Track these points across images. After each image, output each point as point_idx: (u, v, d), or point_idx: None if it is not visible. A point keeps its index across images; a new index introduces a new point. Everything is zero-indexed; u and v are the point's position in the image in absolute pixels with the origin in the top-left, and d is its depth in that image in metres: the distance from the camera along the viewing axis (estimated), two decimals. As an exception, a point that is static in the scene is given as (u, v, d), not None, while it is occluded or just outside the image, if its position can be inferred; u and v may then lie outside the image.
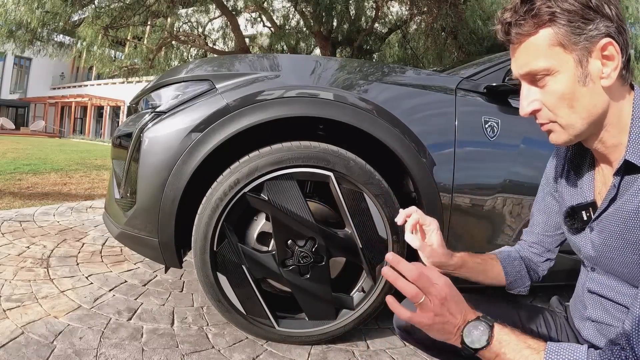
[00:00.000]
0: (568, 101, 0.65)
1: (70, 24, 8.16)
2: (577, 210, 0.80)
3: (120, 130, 1.54)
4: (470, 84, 1.50)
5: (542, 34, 0.64)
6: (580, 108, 0.65)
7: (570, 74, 0.64)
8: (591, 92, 0.64)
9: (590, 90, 0.64)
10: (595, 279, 0.79)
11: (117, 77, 11.32)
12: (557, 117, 0.67)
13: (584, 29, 0.62)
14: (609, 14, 0.63)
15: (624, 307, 0.74)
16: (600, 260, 0.75)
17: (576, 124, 0.67)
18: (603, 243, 0.73)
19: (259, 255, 1.32)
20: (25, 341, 1.26)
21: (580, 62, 0.63)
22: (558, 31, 0.63)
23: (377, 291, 1.37)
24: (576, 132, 0.68)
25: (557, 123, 0.68)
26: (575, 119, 0.66)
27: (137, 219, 1.37)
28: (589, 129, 0.68)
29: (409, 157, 1.34)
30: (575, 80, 0.64)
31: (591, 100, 0.65)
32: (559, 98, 0.65)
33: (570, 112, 0.66)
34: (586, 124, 0.67)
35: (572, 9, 0.62)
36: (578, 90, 0.64)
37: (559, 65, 0.64)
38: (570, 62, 0.64)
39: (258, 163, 1.27)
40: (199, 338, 1.40)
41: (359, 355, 1.39)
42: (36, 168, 5.59)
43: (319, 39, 8.56)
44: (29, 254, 2.06)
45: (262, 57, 1.64)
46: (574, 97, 0.65)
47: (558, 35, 0.63)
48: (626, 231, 0.67)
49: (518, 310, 0.96)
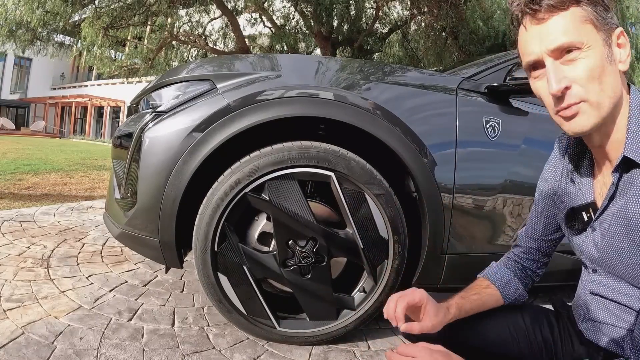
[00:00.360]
0: (598, 77, 0.65)
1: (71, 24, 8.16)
2: (577, 211, 0.80)
3: (121, 131, 1.54)
4: (471, 84, 1.50)
5: (573, 11, 0.66)
6: (608, 86, 0.66)
7: (600, 50, 0.66)
8: (614, 72, 0.67)
9: (614, 71, 0.67)
10: (597, 281, 0.79)
11: (118, 77, 11.32)
12: (588, 94, 0.66)
13: (606, 16, 0.66)
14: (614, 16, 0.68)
15: (627, 308, 0.73)
16: (604, 261, 0.75)
17: (605, 102, 0.66)
18: (607, 244, 0.72)
19: (260, 255, 1.32)
20: (25, 341, 1.26)
21: (607, 42, 0.66)
22: (588, 10, 0.65)
23: (378, 291, 1.37)
24: (604, 112, 0.67)
25: (587, 102, 0.66)
26: (604, 97, 0.66)
27: (137, 219, 1.37)
28: (612, 113, 0.68)
29: (410, 157, 1.34)
30: (604, 57, 0.66)
31: (615, 80, 0.67)
32: (590, 73, 0.65)
33: (600, 89, 0.66)
34: (612, 104, 0.67)
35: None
36: (607, 67, 0.66)
37: (591, 41, 0.65)
38: (599, 41, 0.66)
39: (259, 163, 1.26)
40: (199, 338, 1.39)
41: (360, 355, 1.39)
42: (36, 168, 5.59)
43: (319, 39, 8.56)
44: (29, 254, 2.06)
45: (262, 57, 1.64)
46: (603, 73, 0.66)
47: (590, 12, 0.65)
48: (631, 231, 0.67)
49: (521, 311, 0.96)
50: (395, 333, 1.56)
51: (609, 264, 0.74)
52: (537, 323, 0.93)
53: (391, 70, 1.59)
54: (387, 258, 1.35)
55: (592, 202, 0.77)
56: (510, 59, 1.61)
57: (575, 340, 0.88)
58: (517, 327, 0.92)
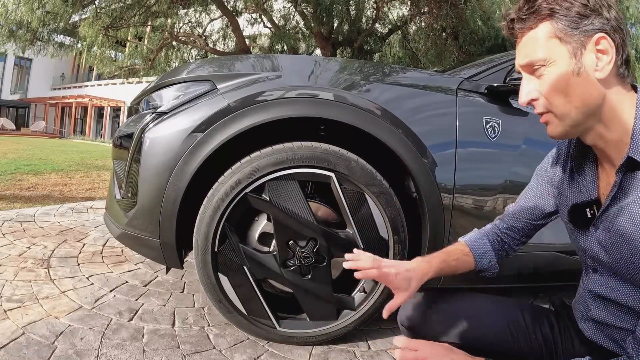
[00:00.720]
0: (562, 90, 0.69)
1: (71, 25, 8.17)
2: (580, 207, 0.80)
3: (121, 131, 1.54)
4: (471, 84, 1.50)
5: (541, 28, 0.70)
6: (575, 97, 0.68)
7: (565, 64, 0.68)
8: (585, 82, 0.67)
9: (584, 80, 0.67)
10: (597, 281, 0.79)
11: (118, 77, 11.33)
12: (552, 107, 0.70)
13: (580, 24, 0.67)
14: (606, 15, 0.67)
15: (627, 308, 0.74)
16: (605, 260, 0.75)
17: (571, 113, 0.69)
18: (611, 242, 0.72)
19: (260, 255, 1.32)
20: (26, 342, 1.26)
21: (575, 53, 0.67)
22: (556, 25, 0.68)
23: (379, 292, 1.37)
24: (571, 122, 0.70)
25: (553, 113, 0.71)
26: (569, 108, 0.69)
27: (138, 220, 1.37)
28: (584, 121, 0.70)
29: (410, 158, 1.34)
30: (570, 70, 0.68)
31: (585, 91, 0.68)
32: (554, 87, 0.69)
33: (565, 101, 0.69)
34: (581, 114, 0.69)
35: (569, 5, 0.67)
36: (572, 79, 0.68)
37: (555, 56, 0.68)
38: (565, 54, 0.68)
39: (259, 163, 1.27)
40: (200, 339, 1.39)
41: (360, 355, 1.39)
42: (37, 168, 5.59)
43: (319, 39, 8.56)
44: (30, 254, 2.06)
45: (263, 58, 1.64)
46: (568, 86, 0.68)
47: (555, 28, 0.68)
48: (633, 232, 0.67)
49: (522, 310, 0.96)
50: (395, 334, 1.56)
51: (610, 263, 0.74)
52: (538, 322, 0.93)
53: (391, 70, 1.59)
54: (387, 258, 1.35)
55: (596, 199, 0.78)
56: (510, 60, 1.61)
57: (576, 340, 0.88)
58: (518, 327, 0.93)
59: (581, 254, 0.84)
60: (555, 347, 0.90)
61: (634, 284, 0.71)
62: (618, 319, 0.76)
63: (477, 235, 1.04)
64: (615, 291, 0.75)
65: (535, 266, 1.55)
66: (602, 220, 0.75)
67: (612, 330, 0.77)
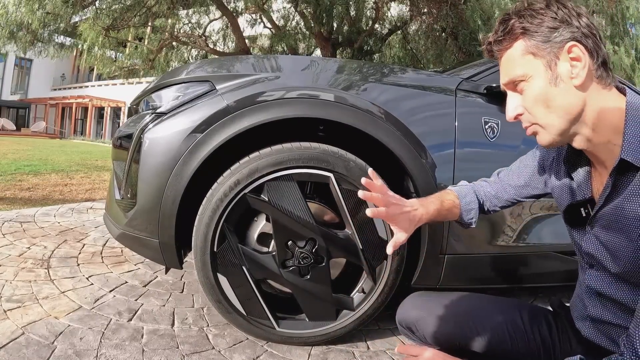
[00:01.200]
0: (543, 102, 0.72)
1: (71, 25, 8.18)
2: (575, 207, 0.82)
3: (121, 131, 1.55)
4: (470, 84, 1.50)
5: (516, 46, 0.74)
6: (556, 107, 0.71)
7: (542, 77, 0.71)
8: (564, 91, 0.70)
9: (563, 90, 0.70)
10: (593, 276, 0.80)
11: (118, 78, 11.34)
12: (536, 119, 0.74)
13: (550, 37, 0.70)
14: (576, 24, 0.70)
15: (622, 304, 0.74)
16: (601, 257, 0.76)
17: (554, 122, 0.72)
18: (606, 240, 0.74)
19: (259, 256, 1.32)
20: (25, 342, 1.26)
21: (549, 65, 0.71)
22: (529, 42, 0.72)
23: (378, 292, 1.37)
24: (557, 130, 0.73)
25: (538, 124, 0.74)
26: (552, 118, 0.72)
27: (137, 220, 1.37)
28: (569, 128, 0.72)
29: (409, 158, 1.34)
30: (547, 82, 0.71)
31: (565, 99, 0.70)
32: (534, 100, 0.73)
33: (547, 112, 0.72)
34: (565, 122, 0.71)
35: (539, 22, 0.71)
36: (550, 91, 0.71)
37: (531, 70, 0.72)
38: (540, 67, 0.71)
39: (258, 164, 1.27)
40: (199, 339, 1.40)
41: (359, 356, 1.39)
42: (37, 169, 5.60)
43: (319, 40, 8.57)
44: (30, 254, 2.07)
45: (262, 58, 1.64)
46: (548, 98, 0.71)
47: (528, 45, 0.72)
48: (627, 229, 0.68)
49: (520, 310, 0.96)
50: (394, 334, 1.56)
51: (606, 260, 0.75)
52: (536, 323, 0.94)
53: (390, 71, 1.60)
54: (386, 259, 1.35)
55: (590, 199, 0.79)
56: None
57: (573, 340, 0.89)
58: (515, 327, 0.93)
59: (578, 251, 0.86)
60: (553, 348, 0.91)
61: (628, 280, 0.72)
62: (614, 316, 0.77)
63: (468, 191, 1.07)
64: (611, 287, 0.76)
65: (535, 266, 1.56)
66: (596, 218, 0.76)
67: (609, 327, 0.78)
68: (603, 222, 0.74)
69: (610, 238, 0.73)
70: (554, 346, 0.91)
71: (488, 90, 1.47)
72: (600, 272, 0.78)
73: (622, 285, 0.74)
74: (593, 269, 0.81)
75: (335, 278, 1.40)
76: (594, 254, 0.78)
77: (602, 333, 0.80)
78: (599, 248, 0.76)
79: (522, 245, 1.50)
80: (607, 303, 0.78)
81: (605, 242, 0.74)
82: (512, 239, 1.48)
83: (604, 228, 0.74)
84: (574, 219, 0.83)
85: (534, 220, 1.50)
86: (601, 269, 0.78)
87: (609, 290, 0.76)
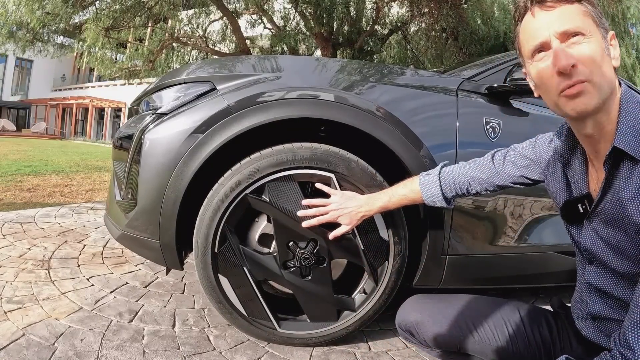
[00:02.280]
0: (599, 63, 0.71)
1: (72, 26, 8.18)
2: (573, 203, 0.82)
3: (121, 132, 1.54)
4: (471, 84, 1.50)
5: (577, 6, 0.72)
6: (606, 73, 0.71)
7: (599, 42, 0.71)
8: (609, 65, 0.72)
9: (609, 63, 0.72)
10: (593, 273, 0.80)
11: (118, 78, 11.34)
12: (592, 75, 0.70)
13: (602, 18, 0.73)
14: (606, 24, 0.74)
15: (622, 300, 0.74)
16: (601, 253, 0.76)
17: (604, 86, 0.71)
18: (607, 236, 0.74)
19: (260, 256, 1.32)
20: (26, 343, 1.26)
21: (604, 37, 0.73)
22: (591, 9, 0.72)
23: (379, 293, 1.36)
24: (604, 95, 0.71)
25: (591, 83, 0.70)
26: (604, 81, 0.71)
27: (138, 221, 1.37)
28: (607, 99, 0.72)
29: (410, 158, 1.34)
30: (603, 48, 0.71)
31: (610, 71, 0.72)
32: (593, 58, 0.70)
33: (601, 72, 0.71)
34: (609, 90, 0.71)
35: (594, 2, 0.73)
36: (605, 57, 0.71)
37: (592, 32, 0.71)
38: (599, 35, 0.72)
39: (259, 165, 1.26)
40: (200, 340, 1.39)
41: (361, 357, 1.39)
42: (37, 170, 5.60)
43: (319, 40, 8.57)
44: (30, 255, 2.06)
45: (263, 59, 1.64)
46: (603, 62, 0.71)
47: (591, 11, 0.72)
48: (624, 221, 0.69)
49: (520, 311, 0.96)
50: (396, 335, 1.56)
51: (607, 256, 0.75)
52: (536, 323, 0.93)
53: (391, 71, 1.59)
54: (387, 259, 1.35)
55: (587, 194, 0.79)
56: (510, 60, 1.61)
57: (574, 340, 0.89)
58: (515, 328, 0.93)
59: (576, 247, 0.86)
60: (553, 348, 0.91)
61: (628, 276, 0.71)
62: (615, 312, 0.77)
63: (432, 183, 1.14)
64: (611, 282, 0.76)
65: (536, 267, 1.55)
66: (595, 214, 0.76)
67: (610, 324, 0.78)
68: (602, 217, 0.75)
69: (611, 233, 0.73)
70: (554, 346, 0.91)
71: (489, 91, 1.47)
72: (600, 268, 0.78)
73: (623, 281, 0.73)
74: (593, 265, 0.81)
75: (337, 279, 1.39)
76: (593, 250, 0.78)
77: (603, 331, 0.80)
78: (598, 243, 0.76)
79: (523, 246, 1.50)
80: (608, 299, 0.78)
81: (606, 238, 0.74)
82: (514, 240, 1.47)
83: (604, 223, 0.75)
84: (572, 215, 0.83)
85: (535, 220, 1.49)
86: (601, 265, 0.78)
87: (609, 285, 0.76)
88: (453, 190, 1.12)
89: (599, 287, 0.79)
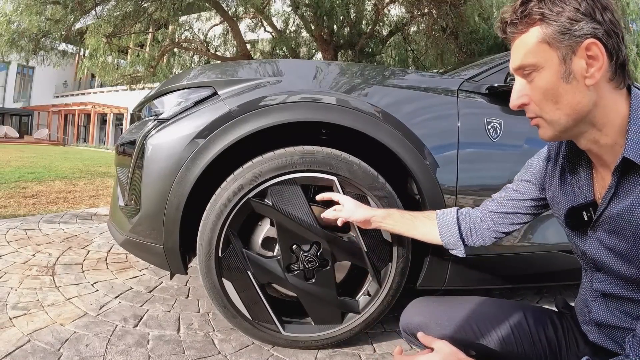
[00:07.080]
0: (552, 97, 0.68)
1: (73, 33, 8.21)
2: (577, 210, 0.79)
3: (124, 138, 1.55)
4: (472, 85, 1.50)
5: (532, 32, 0.69)
6: (564, 104, 0.68)
7: (554, 70, 0.67)
8: (575, 89, 0.67)
9: (574, 88, 0.66)
10: (601, 279, 0.78)
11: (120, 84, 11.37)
12: (542, 112, 0.71)
13: (570, 29, 0.65)
14: (599, 19, 0.65)
15: (628, 309, 0.73)
16: (609, 261, 0.74)
17: (560, 120, 0.69)
18: (613, 245, 0.72)
19: (263, 260, 1.32)
20: (31, 349, 1.27)
21: (564, 59, 0.66)
22: (546, 30, 0.67)
23: (383, 295, 1.36)
24: (561, 128, 0.70)
25: (542, 118, 0.71)
26: (559, 115, 0.69)
27: (141, 226, 1.37)
28: (574, 127, 0.70)
29: (412, 160, 1.34)
30: (559, 77, 0.67)
31: (574, 98, 0.67)
32: (543, 93, 0.69)
33: (554, 107, 0.69)
34: (571, 120, 0.69)
35: (559, 10, 0.66)
36: (561, 86, 0.67)
37: (544, 61, 0.68)
38: (554, 59, 0.67)
39: (262, 168, 1.27)
40: (205, 344, 1.40)
41: (366, 358, 1.39)
42: (40, 176, 5.62)
43: (320, 43, 8.58)
44: (35, 262, 2.07)
45: (264, 63, 1.65)
46: (557, 93, 0.68)
47: (545, 33, 0.67)
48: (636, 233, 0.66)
49: (525, 312, 0.96)
50: (400, 336, 1.55)
51: (615, 264, 0.73)
52: (541, 324, 0.93)
53: (392, 73, 1.59)
54: (391, 261, 1.35)
55: (592, 202, 0.77)
56: (510, 60, 1.61)
57: (580, 341, 0.88)
58: (521, 329, 0.92)
59: (581, 256, 0.83)
60: (559, 349, 0.90)
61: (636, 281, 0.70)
62: (621, 320, 0.75)
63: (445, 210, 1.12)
64: (619, 290, 0.74)
65: (540, 266, 1.55)
66: (600, 222, 0.74)
67: (615, 331, 0.77)
68: (607, 227, 0.72)
69: (616, 243, 0.71)
70: (560, 347, 0.91)
71: (490, 91, 1.47)
72: (609, 275, 0.76)
73: (632, 285, 0.72)
74: (600, 273, 0.79)
75: (340, 281, 1.39)
76: (599, 259, 0.76)
77: (609, 337, 0.79)
78: (604, 252, 0.74)
79: (527, 245, 1.50)
80: (612, 306, 0.77)
81: (612, 247, 0.72)
82: (518, 239, 1.47)
83: (608, 232, 0.72)
84: (576, 223, 0.80)
85: (539, 219, 1.49)
86: (609, 272, 0.76)
87: (621, 290, 0.74)
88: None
89: (607, 293, 0.77)
